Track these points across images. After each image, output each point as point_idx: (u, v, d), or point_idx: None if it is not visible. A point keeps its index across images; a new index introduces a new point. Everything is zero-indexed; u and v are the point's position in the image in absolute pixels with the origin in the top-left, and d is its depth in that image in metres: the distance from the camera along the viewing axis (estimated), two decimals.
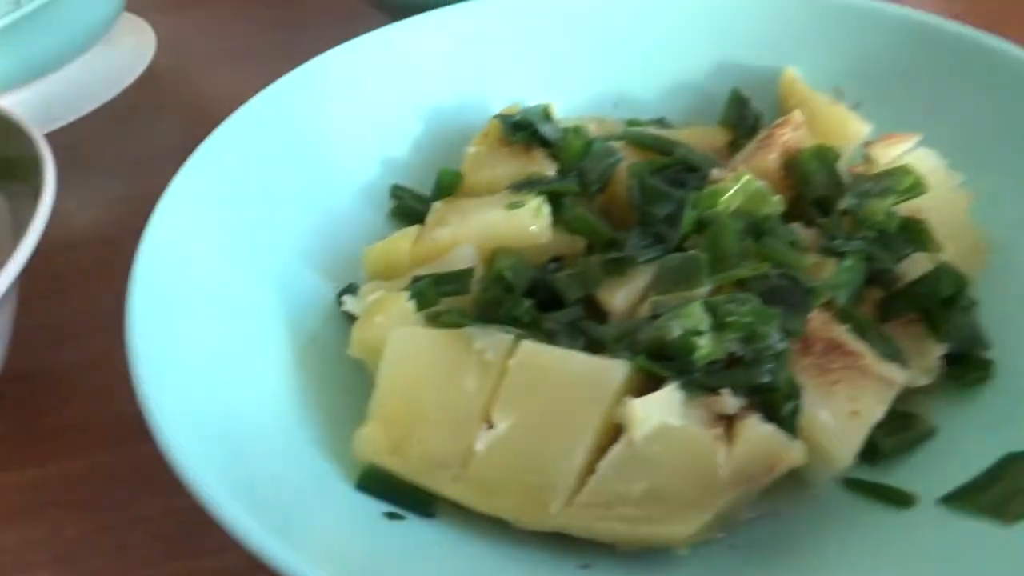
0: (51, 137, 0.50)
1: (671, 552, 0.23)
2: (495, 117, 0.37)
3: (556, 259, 0.33)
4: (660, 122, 0.41)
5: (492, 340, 0.25)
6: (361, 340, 0.27)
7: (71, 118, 0.51)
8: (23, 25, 0.44)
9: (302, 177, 0.36)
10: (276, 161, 0.35)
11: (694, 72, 0.42)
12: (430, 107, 0.41)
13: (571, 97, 0.42)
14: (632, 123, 0.40)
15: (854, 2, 0.39)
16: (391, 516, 0.23)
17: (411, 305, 0.28)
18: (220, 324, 0.29)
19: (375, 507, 0.24)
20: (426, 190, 0.38)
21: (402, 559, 0.22)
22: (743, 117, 0.39)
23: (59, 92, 0.52)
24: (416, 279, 0.30)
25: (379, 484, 0.24)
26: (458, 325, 0.26)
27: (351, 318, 0.31)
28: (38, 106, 0.50)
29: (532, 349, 0.25)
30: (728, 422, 0.23)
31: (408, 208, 0.37)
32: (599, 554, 0.23)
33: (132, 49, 0.57)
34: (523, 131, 0.36)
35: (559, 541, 0.23)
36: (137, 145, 0.51)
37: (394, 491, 0.24)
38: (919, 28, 0.37)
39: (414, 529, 0.23)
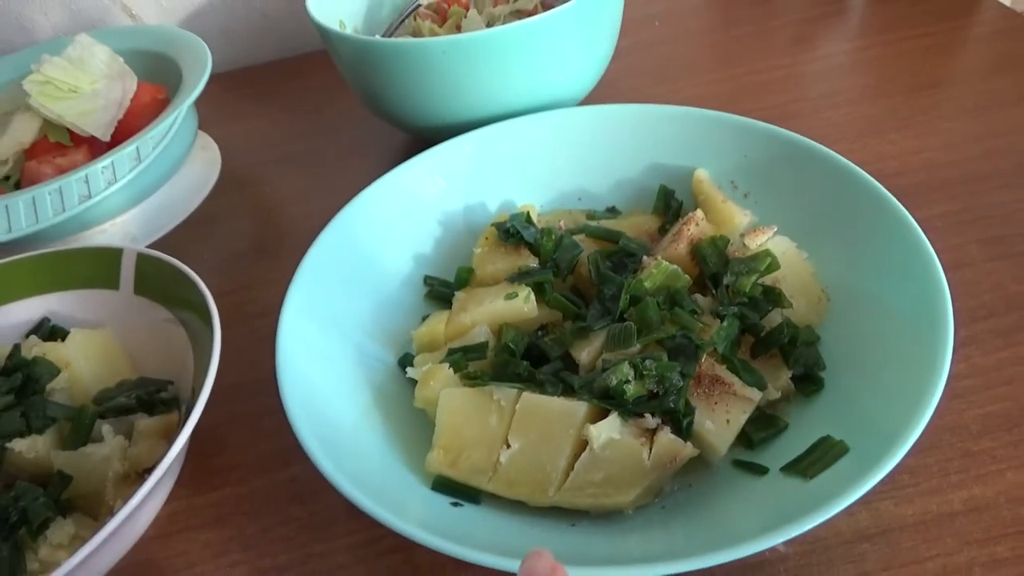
0: (156, 244, 0.65)
1: (623, 513, 0.38)
2: (492, 225, 0.53)
3: (543, 327, 0.48)
4: (612, 210, 0.57)
5: (504, 393, 0.40)
6: (422, 397, 0.43)
7: (171, 226, 0.67)
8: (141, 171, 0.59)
9: (365, 275, 0.51)
10: (348, 265, 0.50)
11: (634, 172, 0.57)
12: (445, 213, 0.56)
13: (546, 194, 0.58)
14: (590, 215, 0.56)
15: (742, 121, 0.53)
16: (455, 504, 0.39)
17: (451, 372, 0.43)
18: (329, 374, 0.44)
19: (444, 500, 0.39)
20: (448, 277, 0.54)
21: (465, 525, 0.37)
22: (669, 206, 0.55)
23: (159, 208, 0.67)
24: (451, 351, 0.45)
25: (445, 486, 0.40)
26: (483, 384, 0.42)
27: (411, 379, 0.46)
28: (145, 222, 0.65)
29: (529, 398, 0.40)
30: (650, 434, 0.39)
31: (438, 292, 0.52)
32: (580, 517, 0.38)
33: (203, 164, 0.73)
34: (512, 237, 0.51)
35: (555, 512, 0.38)
36: (227, 245, 0.65)
37: (455, 489, 0.39)
38: (782, 140, 0.52)
39: (469, 511, 0.39)
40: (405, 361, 0.48)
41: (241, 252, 0.64)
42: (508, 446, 0.39)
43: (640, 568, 0.32)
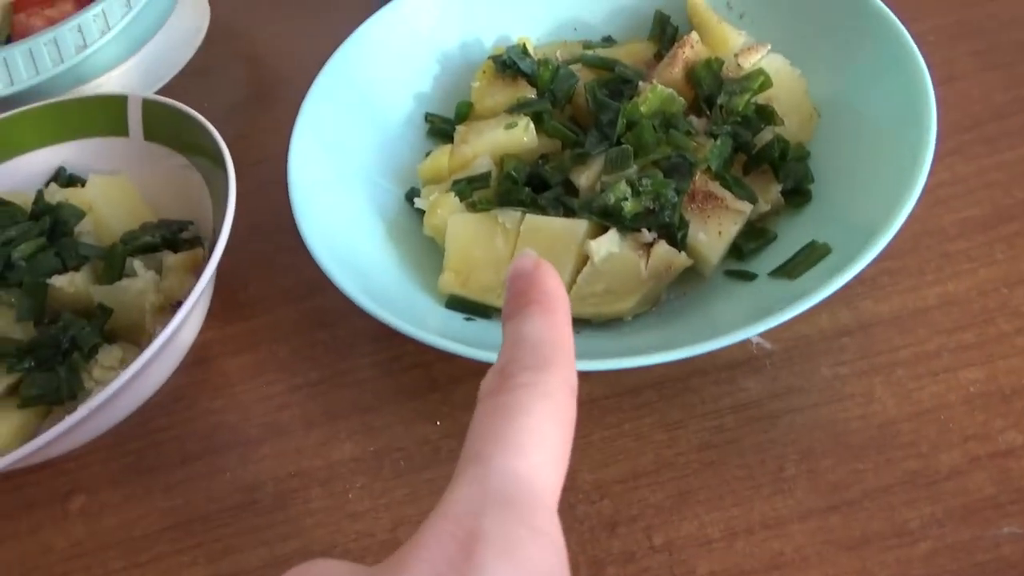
0: (159, 93, 0.65)
1: (623, 320, 0.42)
2: (489, 59, 0.53)
3: (543, 156, 0.50)
4: (607, 39, 0.57)
5: (509, 216, 0.43)
6: (431, 224, 0.45)
7: (168, 78, 0.67)
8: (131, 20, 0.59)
9: (366, 115, 0.52)
10: (349, 106, 0.51)
11: None
12: (442, 51, 0.56)
13: (542, 27, 0.57)
14: (586, 44, 0.56)
15: None
16: (468, 319, 0.42)
17: (456, 200, 0.45)
18: (341, 211, 0.46)
19: (458, 316, 0.43)
20: (448, 113, 0.55)
21: (479, 335, 0.41)
22: (664, 32, 0.55)
23: (154, 59, 0.66)
24: (456, 182, 0.47)
25: (458, 304, 0.43)
26: (487, 209, 0.44)
27: (418, 210, 0.49)
28: (143, 73, 0.65)
29: (533, 219, 0.42)
30: (646, 247, 0.41)
31: (439, 129, 0.54)
32: (583, 325, 0.42)
33: (193, 12, 0.71)
34: (509, 68, 0.51)
35: None
36: (224, 95, 0.66)
37: (467, 306, 0.43)
38: None
39: (481, 324, 0.42)
40: (412, 195, 0.50)
41: (239, 100, 0.65)
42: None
43: (637, 358, 0.36)
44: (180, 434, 0.45)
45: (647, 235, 0.41)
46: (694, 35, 0.50)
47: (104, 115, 0.51)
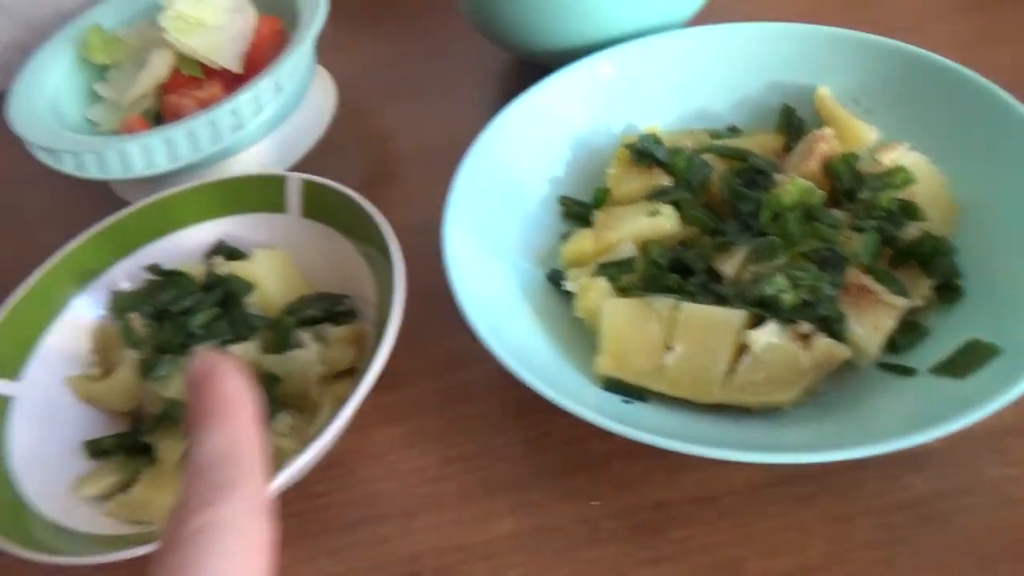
0: (292, 169, 0.68)
1: (781, 410, 0.43)
2: (623, 146, 0.56)
3: (682, 242, 0.52)
4: (732, 129, 0.60)
5: (663, 303, 0.45)
6: (583, 307, 0.47)
7: (300, 155, 0.71)
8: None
9: (507, 196, 0.55)
10: (491, 188, 0.53)
11: (753, 91, 0.59)
12: (573, 136, 0.59)
13: (668, 115, 0.60)
14: (713, 134, 0.58)
15: (862, 37, 0.55)
16: (626, 401, 0.44)
17: (606, 284, 0.48)
18: (491, 287, 0.48)
19: (615, 398, 0.44)
20: (581, 196, 0.57)
21: (637, 417, 0.42)
22: (791, 124, 0.57)
23: (289, 137, 0.70)
24: (602, 266, 0.49)
25: (615, 386, 0.44)
26: (639, 295, 0.46)
27: (562, 292, 0.51)
28: (279, 149, 0.69)
29: (688, 306, 0.44)
30: (805, 339, 0.43)
31: (574, 211, 0.56)
32: (744, 414, 0.43)
33: (323, 93, 0.76)
34: (645, 157, 0.54)
35: (719, 409, 0.43)
36: (352, 171, 0.69)
37: (624, 389, 0.44)
38: (907, 55, 0.54)
39: (639, 407, 0.44)
40: (555, 276, 0.52)
41: (366, 176, 0.68)
42: (672, 350, 0.44)
43: (804, 454, 0.37)
44: (340, 500, 0.47)
45: (805, 326, 0.43)
46: (828, 129, 0.52)
47: (263, 193, 0.54)
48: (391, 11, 0.87)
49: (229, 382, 0.23)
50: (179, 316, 0.48)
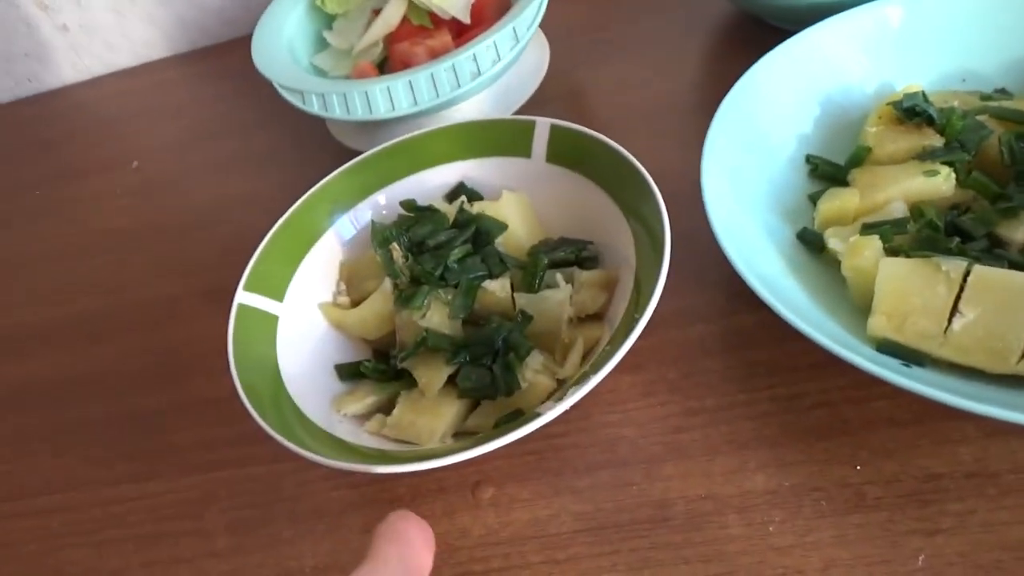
0: None
1: None
2: (887, 104, 0.53)
3: (954, 206, 0.48)
4: (1002, 91, 0.55)
5: (954, 264, 0.42)
6: (853, 266, 0.45)
7: (515, 108, 0.71)
8: None
9: (756, 151, 0.53)
10: (742, 142, 0.52)
11: None
12: (824, 93, 0.56)
13: (927, 75, 0.56)
14: (983, 96, 0.54)
15: None
16: (904, 365, 0.42)
17: (878, 243, 0.45)
18: (748, 240, 0.47)
19: (890, 360, 0.42)
20: (828, 155, 0.54)
21: (919, 379, 0.39)
22: None
23: (505, 90, 0.71)
24: (868, 225, 0.47)
25: (892, 348, 0.42)
26: (925, 256, 0.43)
27: (812, 250, 0.49)
28: (495, 103, 0.70)
29: (983, 270, 0.41)
30: None
31: (824, 170, 0.54)
32: None
33: (539, 50, 0.76)
34: (917, 115, 0.51)
35: (1012, 380, 0.40)
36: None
37: (902, 352, 0.42)
38: None
39: (918, 371, 0.41)
40: (807, 235, 0.50)
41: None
42: (961, 315, 0.41)
43: None
44: (579, 442, 0.47)
45: None
46: None
47: (511, 137, 0.55)
48: None
49: (412, 524, 0.30)
50: (435, 250, 0.50)
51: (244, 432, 0.46)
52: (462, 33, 0.71)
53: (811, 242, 0.50)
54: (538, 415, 0.39)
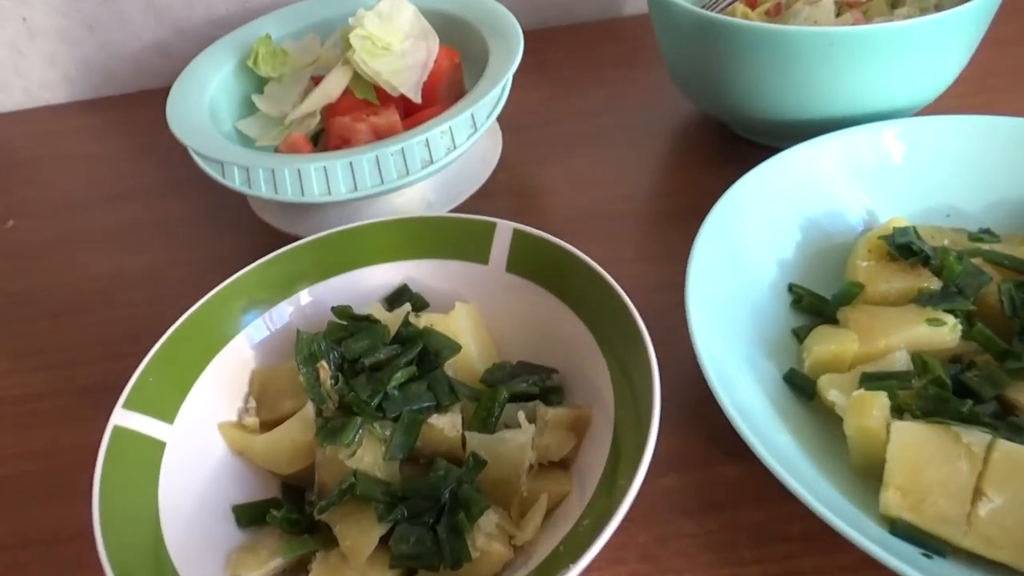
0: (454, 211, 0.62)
1: None
2: (878, 237, 0.49)
3: (954, 359, 0.44)
4: (987, 232, 0.52)
5: (976, 437, 0.37)
6: (860, 425, 0.39)
7: (463, 198, 0.64)
8: None
9: (739, 276, 0.48)
10: (724, 266, 0.47)
11: (1015, 192, 0.52)
12: (806, 218, 0.52)
13: (910, 208, 0.53)
14: (971, 236, 0.51)
15: None
16: (925, 555, 0.35)
17: (887, 400, 0.40)
18: (737, 386, 0.41)
19: (909, 548, 0.36)
20: (810, 285, 0.50)
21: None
22: None
23: (452, 177, 0.64)
24: (868, 375, 0.42)
25: (906, 532, 0.36)
26: (939, 422, 0.38)
27: (801, 395, 0.43)
28: (440, 189, 0.63)
29: (1008, 448, 0.36)
30: None
31: (809, 305, 0.49)
32: None
33: (492, 139, 0.70)
34: (912, 254, 0.47)
35: None
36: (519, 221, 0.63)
37: (917, 537, 0.36)
38: None
39: (939, 565, 0.35)
40: (795, 379, 0.45)
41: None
42: (984, 497, 0.35)
43: None
44: None
45: None
46: None
47: (466, 238, 0.48)
48: (568, 56, 0.82)
49: None
50: (372, 371, 0.41)
51: None
52: (410, 112, 0.64)
53: (800, 387, 0.44)
54: None
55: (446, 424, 0.39)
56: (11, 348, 0.58)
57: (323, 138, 0.65)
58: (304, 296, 0.48)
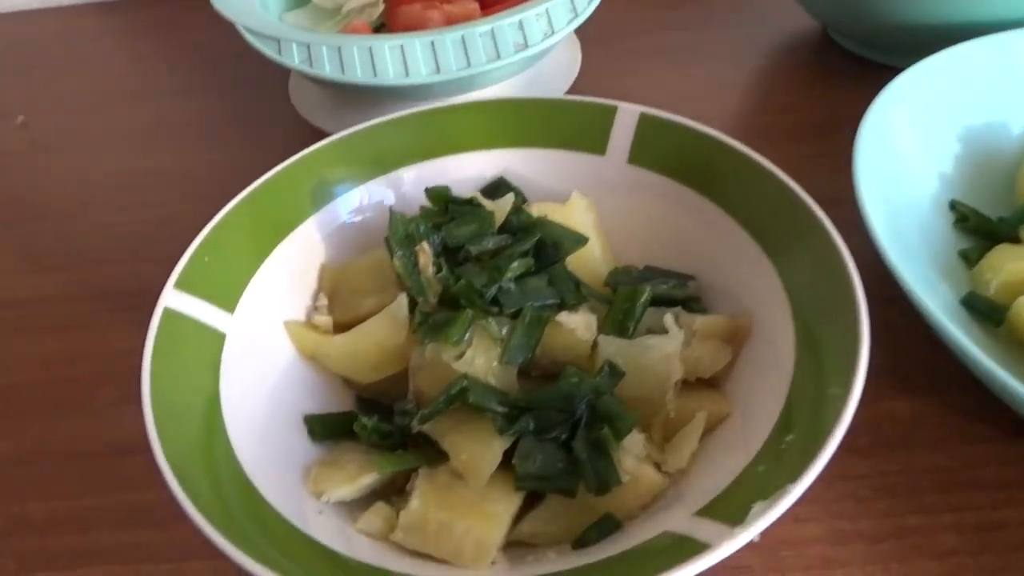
0: None
1: None
2: None
3: None
4: None
5: None
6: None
7: None
8: None
9: (898, 190, 0.41)
10: (882, 176, 0.40)
11: None
12: (965, 127, 0.45)
13: None
14: None
15: None
16: None
17: None
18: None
19: None
20: (973, 203, 0.42)
21: None
22: None
23: (534, 82, 0.56)
24: None
25: None
26: None
27: (996, 322, 0.36)
28: (523, 90, 0.56)
29: None
30: None
31: (977, 226, 0.41)
32: None
33: (571, 46, 0.62)
34: None
35: None
36: None
37: None
38: None
39: None
40: (976, 303, 0.38)
41: None
42: None
43: None
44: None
45: None
46: None
47: (580, 124, 0.40)
48: None
49: None
50: (480, 260, 0.34)
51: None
52: (489, 4, 0.56)
53: (985, 312, 0.37)
54: (706, 546, 0.23)
55: (579, 324, 0.31)
56: (23, 251, 0.50)
57: (386, 30, 0.57)
58: (384, 180, 0.40)
